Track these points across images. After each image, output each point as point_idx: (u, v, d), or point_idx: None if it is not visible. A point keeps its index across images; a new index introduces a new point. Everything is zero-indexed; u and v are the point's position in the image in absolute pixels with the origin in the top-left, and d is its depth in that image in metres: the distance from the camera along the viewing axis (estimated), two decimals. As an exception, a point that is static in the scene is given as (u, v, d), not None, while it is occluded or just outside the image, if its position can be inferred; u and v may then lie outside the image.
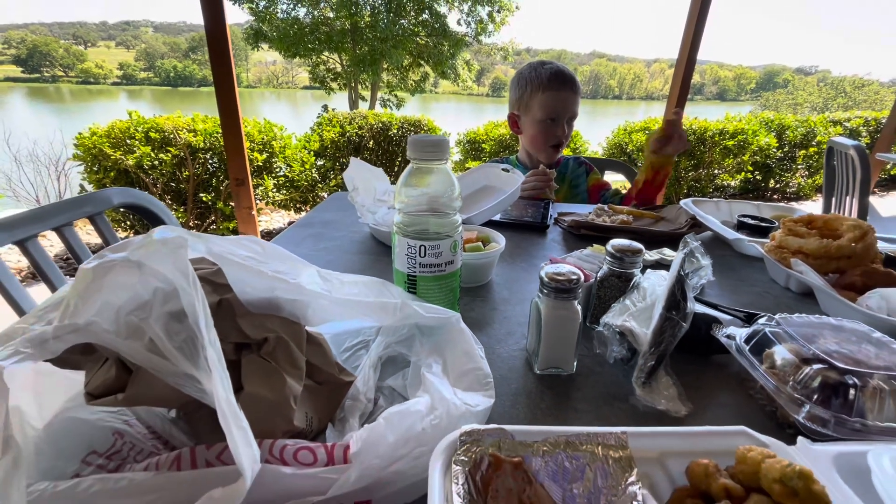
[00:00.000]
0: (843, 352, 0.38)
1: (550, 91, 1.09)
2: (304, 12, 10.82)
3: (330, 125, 3.47)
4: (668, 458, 0.31)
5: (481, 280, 0.65)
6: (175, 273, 0.28)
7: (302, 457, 0.29)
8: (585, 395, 0.43)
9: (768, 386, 0.39)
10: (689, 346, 0.48)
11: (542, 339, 0.44)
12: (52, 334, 0.27)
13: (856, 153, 1.64)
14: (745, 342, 0.44)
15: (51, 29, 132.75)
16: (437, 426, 0.31)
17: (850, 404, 0.35)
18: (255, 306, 0.34)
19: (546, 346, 0.44)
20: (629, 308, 0.47)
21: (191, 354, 0.28)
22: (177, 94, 65.63)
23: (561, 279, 0.42)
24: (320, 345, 0.38)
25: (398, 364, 0.45)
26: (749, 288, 0.68)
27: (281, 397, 0.32)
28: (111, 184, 2.79)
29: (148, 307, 0.29)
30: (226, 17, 2.06)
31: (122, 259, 0.28)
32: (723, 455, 0.30)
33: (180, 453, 0.30)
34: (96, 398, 0.31)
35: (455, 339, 0.43)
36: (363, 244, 0.80)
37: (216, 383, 0.26)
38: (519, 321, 0.56)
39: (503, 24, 11.05)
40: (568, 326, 0.43)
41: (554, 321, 0.43)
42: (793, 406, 0.36)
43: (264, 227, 3.39)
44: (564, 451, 0.30)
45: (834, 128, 4.74)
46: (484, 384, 0.39)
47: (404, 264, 0.48)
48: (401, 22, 10.91)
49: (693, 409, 0.41)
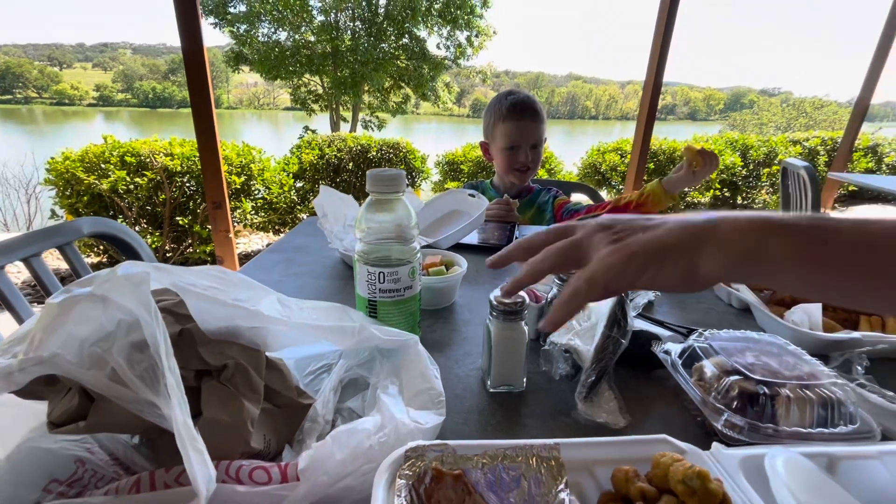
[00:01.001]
0: (759, 364, 0.42)
1: (511, 121, 1.15)
2: (285, 36, 10.98)
3: (309, 148, 3.50)
4: (597, 466, 0.34)
5: (444, 302, 0.68)
6: (138, 306, 0.30)
7: (257, 476, 0.31)
8: (533, 410, 0.46)
9: (695, 397, 0.42)
10: (632, 361, 0.51)
11: (492, 359, 0.47)
12: (18, 367, 0.29)
13: (806, 174, 1.75)
14: (679, 357, 0.48)
15: (25, 51, 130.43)
16: (385, 443, 0.33)
17: (763, 412, 0.39)
18: (216, 334, 0.37)
19: (497, 365, 0.47)
20: (574, 327, 0.50)
21: (151, 382, 0.30)
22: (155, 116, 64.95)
23: (508, 302, 0.46)
24: (280, 370, 0.40)
25: (359, 386, 0.48)
26: (697, 305, 0.72)
27: (238, 420, 0.34)
28: (84, 208, 2.75)
29: (111, 338, 0.31)
30: (204, 44, 2.09)
31: (87, 294, 0.31)
32: (646, 462, 0.33)
33: (140, 477, 0.31)
34: (59, 426, 0.32)
35: (412, 360, 0.46)
36: (333, 269, 0.83)
37: (174, 408, 0.28)
38: (478, 342, 0.59)
39: (481, 48, 11.39)
40: (516, 346, 0.47)
41: (503, 342, 0.46)
42: (714, 415, 0.40)
43: (242, 249, 3.37)
44: (502, 462, 0.33)
45: (794, 147, 5.00)
46: (436, 403, 0.41)
47: (365, 290, 0.51)
48: (381, 46, 11.15)
49: (631, 420, 0.44)
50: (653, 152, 4.25)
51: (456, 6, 10.54)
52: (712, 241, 0.31)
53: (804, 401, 0.39)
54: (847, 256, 0.27)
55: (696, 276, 0.32)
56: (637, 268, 0.32)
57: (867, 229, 0.27)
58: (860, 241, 0.27)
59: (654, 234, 0.33)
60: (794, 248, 0.29)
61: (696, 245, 0.31)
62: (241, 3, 10.31)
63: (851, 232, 0.28)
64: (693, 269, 0.31)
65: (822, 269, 0.28)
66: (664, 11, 2.68)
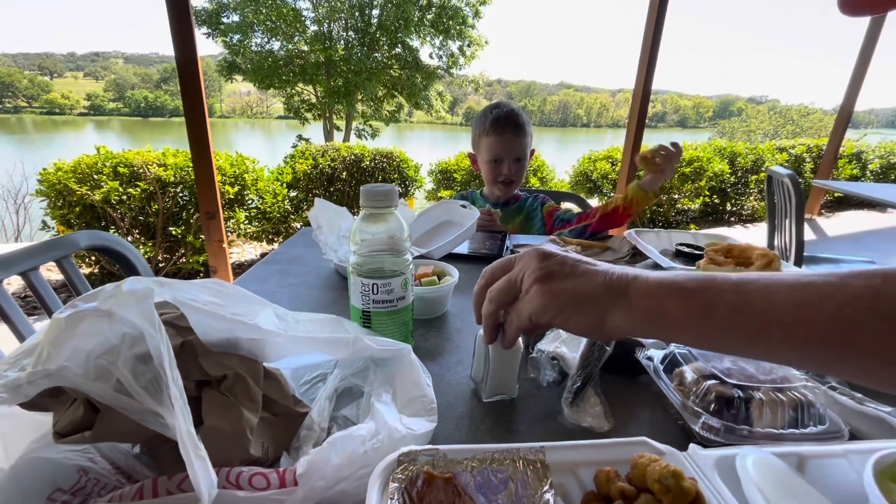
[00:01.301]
0: (735, 368, 0.45)
1: (493, 135, 1.19)
2: (279, 46, 11.03)
3: (303, 157, 3.52)
4: (580, 467, 0.36)
5: (436, 312, 0.70)
6: (142, 320, 0.32)
7: (256, 482, 0.33)
8: (522, 416, 0.48)
9: (675, 401, 0.44)
10: (617, 367, 0.53)
11: (489, 371, 0.48)
12: (26, 380, 0.30)
13: (790, 181, 1.79)
14: (660, 363, 0.50)
15: (15, 60, 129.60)
16: (379, 449, 0.35)
17: (738, 414, 0.41)
18: (216, 346, 0.38)
19: (492, 377, 0.48)
20: (561, 335, 0.52)
21: (155, 393, 0.32)
22: (147, 125, 64.65)
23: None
24: (277, 379, 0.42)
25: (353, 395, 0.49)
26: (681, 312, 0.75)
27: (238, 429, 0.35)
28: (76, 219, 2.74)
29: (116, 351, 0.32)
30: (198, 53, 2.11)
31: (93, 309, 0.32)
32: (627, 463, 0.35)
33: (143, 484, 0.33)
34: (64, 437, 0.33)
35: (405, 369, 0.47)
36: (328, 279, 0.84)
37: (178, 418, 0.29)
38: (469, 350, 0.61)
39: (473, 58, 11.52)
40: (511, 357, 0.48)
41: (499, 354, 0.47)
42: (693, 418, 0.42)
43: (235, 258, 3.36)
44: (490, 466, 0.35)
45: (780, 154, 5.10)
46: (428, 410, 0.43)
47: (359, 301, 0.53)
48: (374, 55, 11.24)
49: (616, 424, 0.46)
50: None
51: (448, 17, 10.67)
52: (622, 300, 0.35)
53: (776, 403, 0.41)
54: (727, 317, 0.31)
55: (604, 328, 0.36)
56: (556, 310, 0.37)
57: (746, 288, 0.31)
58: (739, 301, 0.31)
59: (576, 283, 0.37)
60: (686, 310, 0.32)
61: (609, 301, 0.35)
62: (233, 14, 10.36)
63: (732, 293, 0.31)
64: (601, 322, 0.35)
65: (707, 327, 0.32)
66: (652, 20, 2.75)
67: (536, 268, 0.38)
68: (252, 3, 9.90)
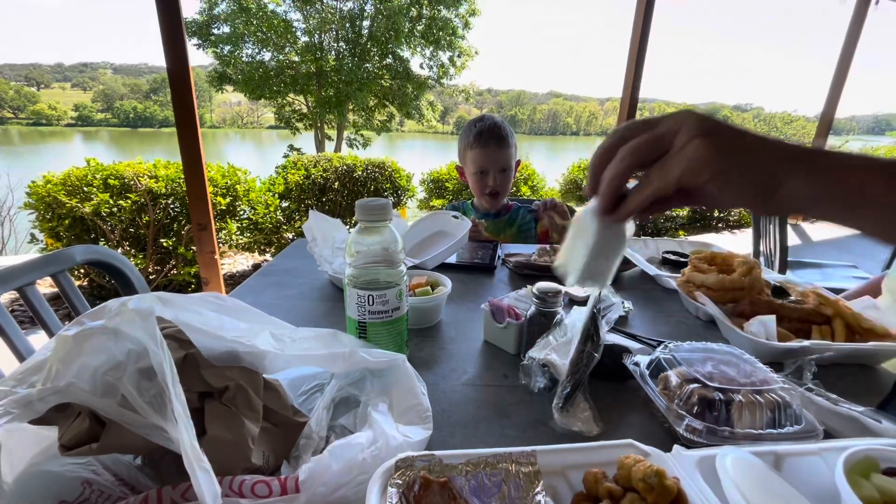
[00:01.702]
0: (717, 372, 0.47)
1: (478, 148, 1.22)
2: (270, 56, 11.06)
3: (295, 168, 3.53)
4: (570, 470, 0.37)
5: (430, 321, 0.72)
6: (146, 337, 0.33)
7: (258, 490, 0.34)
8: (515, 422, 0.49)
9: (661, 405, 0.46)
10: (607, 373, 0.55)
11: (589, 251, 0.40)
12: (37, 396, 0.31)
13: (772, 189, 1.84)
14: (647, 368, 0.52)
15: (1, 71, 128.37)
16: (377, 456, 0.36)
17: (720, 416, 0.43)
18: (217, 359, 0.39)
19: (592, 257, 0.40)
20: (552, 343, 0.54)
21: (159, 408, 0.33)
22: (136, 136, 64.21)
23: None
24: (276, 390, 0.43)
25: (350, 404, 0.50)
26: (667, 318, 0.77)
27: (240, 438, 0.37)
28: (65, 232, 2.71)
29: (121, 367, 0.33)
30: (189, 64, 2.12)
31: (100, 327, 0.33)
32: (614, 465, 0.37)
33: (147, 494, 0.34)
34: (70, 449, 0.34)
35: (400, 378, 0.49)
36: (322, 291, 0.85)
37: (182, 432, 0.31)
38: (463, 358, 0.62)
39: (464, 68, 11.65)
40: (619, 237, 0.41)
41: (607, 231, 0.39)
42: (677, 420, 0.44)
43: (227, 269, 3.35)
44: (484, 470, 0.36)
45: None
46: (423, 418, 0.44)
47: (355, 312, 0.54)
48: (365, 66, 11.31)
49: (605, 428, 0.48)
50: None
51: (438, 27, 10.80)
52: (809, 166, 0.30)
53: (755, 405, 0.43)
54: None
55: (774, 194, 0.30)
56: (718, 167, 0.30)
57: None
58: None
59: (748, 140, 0.31)
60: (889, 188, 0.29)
61: (791, 163, 0.30)
62: (224, 25, 10.39)
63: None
64: (774, 186, 0.30)
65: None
66: (637, 30, 2.82)
67: (698, 124, 0.32)
68: (242, 15, 9.94)
